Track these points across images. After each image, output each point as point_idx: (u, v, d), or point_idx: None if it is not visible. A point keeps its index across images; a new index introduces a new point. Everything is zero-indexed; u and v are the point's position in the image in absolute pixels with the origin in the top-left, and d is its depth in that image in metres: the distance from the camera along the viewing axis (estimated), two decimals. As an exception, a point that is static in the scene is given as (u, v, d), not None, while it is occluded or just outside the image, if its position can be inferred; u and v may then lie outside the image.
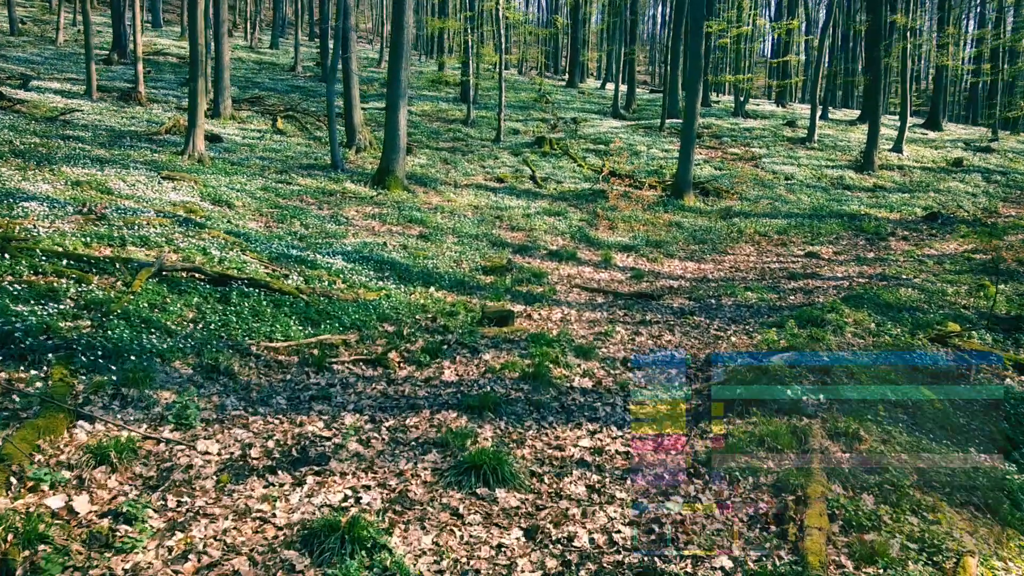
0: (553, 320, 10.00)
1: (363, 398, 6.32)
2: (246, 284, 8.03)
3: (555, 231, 16.57)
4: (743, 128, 30.44)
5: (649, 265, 15.19)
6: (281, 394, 6.15)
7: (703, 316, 11.00)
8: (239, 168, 17.35)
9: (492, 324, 8.89)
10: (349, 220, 14.60)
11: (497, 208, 17.87)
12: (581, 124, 29.78)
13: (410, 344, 7.91)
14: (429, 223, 15.23)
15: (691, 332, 9.86)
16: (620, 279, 13.77)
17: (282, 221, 13.24)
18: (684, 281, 14.07)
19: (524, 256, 14.21)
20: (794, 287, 13.45)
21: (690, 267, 15.45)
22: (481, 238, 14.92)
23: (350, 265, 10.41)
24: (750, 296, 12.32)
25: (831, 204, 21.60)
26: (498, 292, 10.95)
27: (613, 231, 17.42)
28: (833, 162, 26.31)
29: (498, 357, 7.70)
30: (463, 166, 22.56)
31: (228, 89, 25.31)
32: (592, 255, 15.24)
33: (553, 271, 13.43)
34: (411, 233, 14.39)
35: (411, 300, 9.54)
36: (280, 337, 7.21)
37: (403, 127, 18.13)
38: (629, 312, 10.87)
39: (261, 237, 11.16)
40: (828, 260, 16.27)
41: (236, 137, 21.84)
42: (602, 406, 6.58)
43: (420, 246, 13.09)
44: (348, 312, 8.25)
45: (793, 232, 18.53)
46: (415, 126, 27.43)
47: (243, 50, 41.46)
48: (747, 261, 16.25)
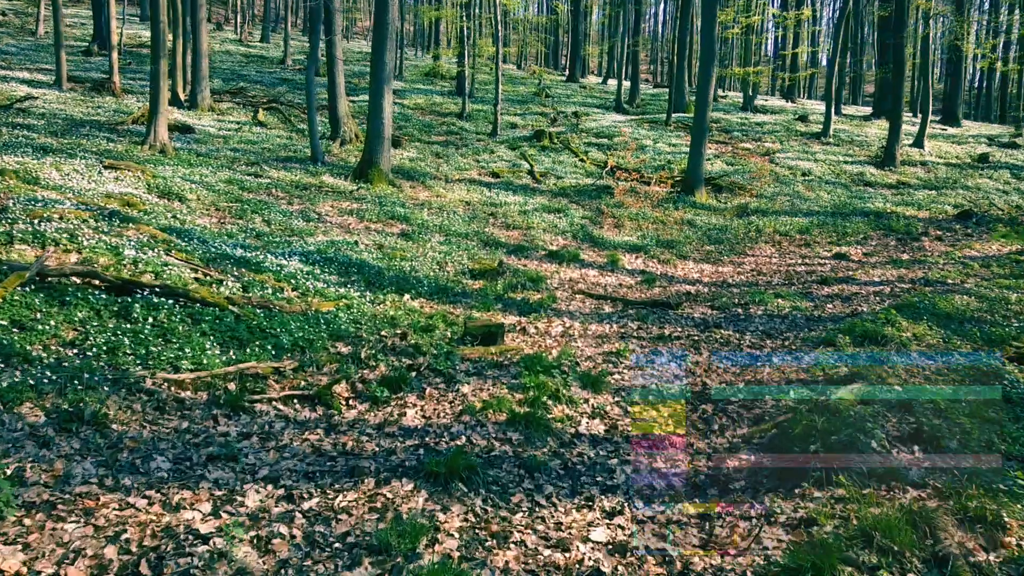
0: (553, 335, 8.14)
1: (285, 457, 4.45)
2: (158, 293, 6.17)
3: (555, 230, 14.71)
4: (753, 123, 28.56)
5: (661, 268, 13.31)
6: (167, 452, 4.28)
7: (731, 329, 9.13)
8: (206, 160, 15.49)
9: (476, 342, 7.03)
10: (321, 216, 12.74)
11: (491, 204, 16.01)
12: (583, 118, 27.91)
13: (368, 371, 6.05)
14: (413, 220, 13.36)
15: (720, 350, 7.99)
16: (629, 284, 11.90)
17: (240, 216, 11.38)
18: (702, 286, 12.20)
19: (520, 257, 12.34)
20: (829, 293, 11.58)
21: (707, 270, 13.57)
22: (471, 237, 13.06)
23: (307, 268, 8.54)
24: (782, 304, 10.46)
25: (853, 201, 19.73)
26: (487, 300, 9.08)
27: (619, 230, 15.54)
28: (851, 158, 24.43)
29: (480, 389, 5.83)
30: (456, 160, 20.69)
31: (206, 79, 23.45)
32: (597, 256, 13.37)
33: (553, 275, 11.57)
34: (391, 231, 12.52)
35: (378, 311, 7.67)
36: (189, 365, 5.34)
37: (388, 115, 16.27)
38: (643, 324, 9.00)
39: (206, 234, 9.30)
40: (859, 262, 14.40)
41: (211, 128, 19.98)
42: (619, 465, 4.71)
43: (399, 245, 11.22)
44: (291, 329, 6.38)
45: (816, 231, 16.66)
46: (406, 119, 25.56)
47: (232, 43, 39.61)
48: (769, 263, 14.38)
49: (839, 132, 27.42)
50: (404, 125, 24.46)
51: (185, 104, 23.14)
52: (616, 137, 24.71)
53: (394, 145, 21.28)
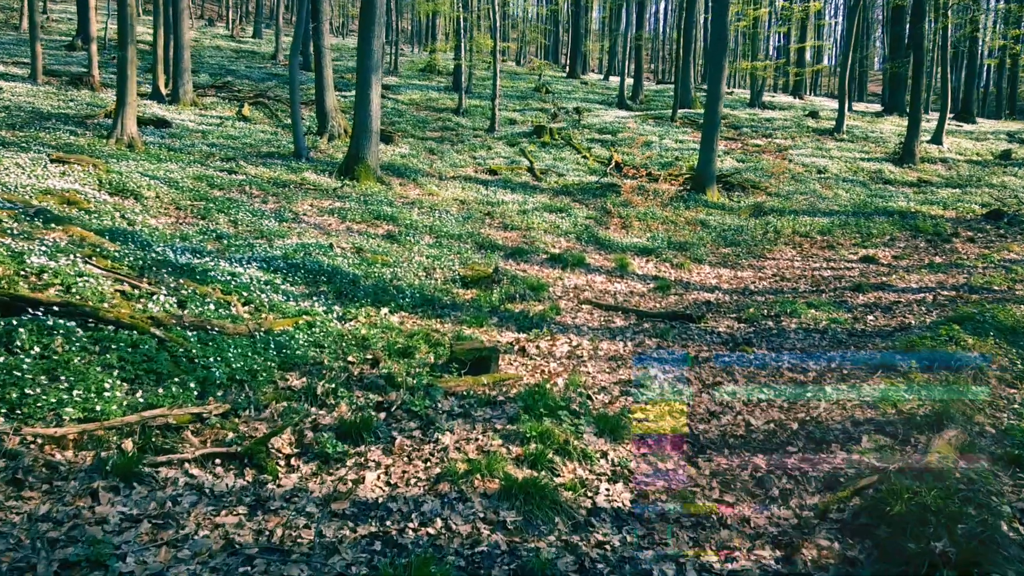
0: (557, 357, 6.77)
1: (182, 558, 3.07)
2: (58, 312, 4.79)
3: (557, 231, 13.33)
4: (762, 119, 27.19)
5: (675, 273, 11.94)
6: (3, 555, 2.91)
7: (765, 346, 7.75)
8: (177, 155, 14.12)
9: (465, 370, 5.65)
10: (298, 216, 11.36)
11: (488, 203, 14.63)
12: (584, 114, 26.52)
13: (324, 412, 4.68)
14: (401, 220, 11.99)
15: (757, 376, 6.63)
16: (641, 291, 10.53)
17: (204, 216, 10.00)
18: (722, 294, 10.83)
19: (518, 262, 10.96)
20: (866, 302, 10.21)
21: (725, 275, 12.20)
22: (465, 239, 11.68)
23: (267, 277, 7.15)
24: (816, 316, 9.09)
25: (874, 200, 18.36)
26: (480, 314, 7.71)
27: (627, 231, 14.17)
28: (868, 154, 23.06)
29: (467, 440, 4.46)
30: (451, 156, 19.31)
31: (188, 72, 22.05)
32: (604, 260, 12.00)
33: (555, 281, 10.20)
34: (376, 232, 11.15)
35: (347, 330, 6.29)
36: (75, 413, 3.97)
37: (376, 107, 14.88)
38: (663, 341, 7.62)
39: (153, 237, 7.91)
40: (889, 266, 13.03)
41: (190, 123, 18.61)
42: (657, 562, 3.33)
43: (382, 249, 9.83)
44: (230, 357, 5.00)
45: (839, 232, 15.28)
46: (399, 115, 24.18)
47: (223, 39, 38.21)
48: (791, 267, 13.01)
49: (852, 128, 26.03)
50: (397, 121, 23.09)
51: (167, 98, 21.77)
52: (620, 133, 23.33)
53: (385, 141, 19.92)
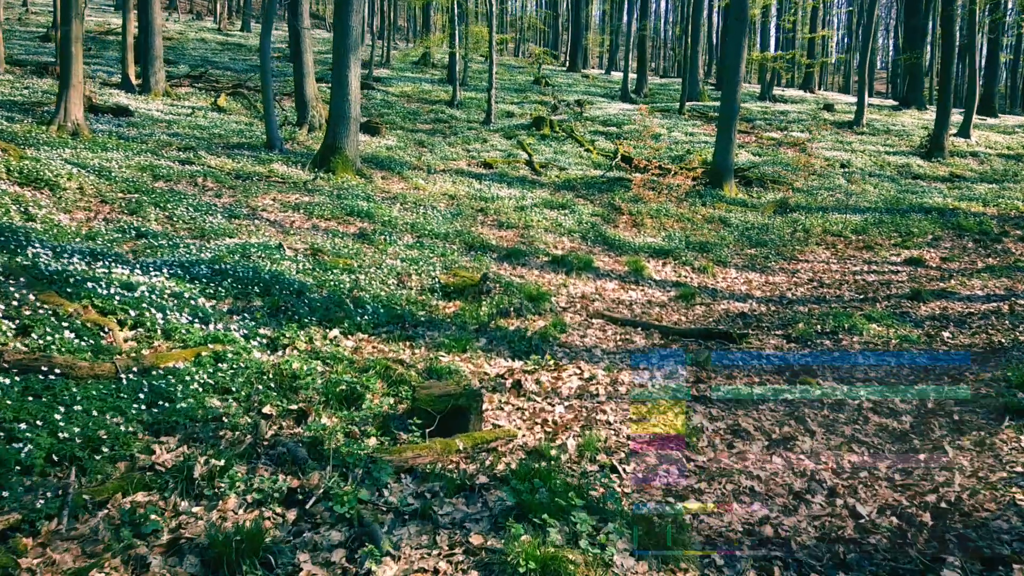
0: (563, 395, 4.95)
1: None
2: None
3: (559, 229, 11.51)
4: (776, 112, 25.38)
5: (698, 278, 10.13)
6: None
7: (830, 376, 5.96)
8: (129, 144, 12.30)
9: (432, 428, 3.82)
10: (255, 211, 9.54)
11: (481, 199, 12.80)
12: (586, 107, 24.69)
13: (200, 510, 2.87)
14: (378, 217, 10.17)
15: (836, 423, 4.80)
16: (661, 300, 8.70)
17: (135, 212, 8.18)
18: (756, 303, 9.01)
19: (515, 265, 9.14)
20: (931, 314, 8.41)
21: (755, 280, 10.39)
22: (452, 238, 9.86)
23: (180, 288, 5.31)
24: (879, 332, 7.29)
25: (906, 196, 16.55)
26: (464, 334, 5.89)
27: (639, 229, 12.34)
28: (892, 148, 21.25)
29: (421, 573, 2.62)
30: (442, 149, 17.48)
31: (160, 60, 20.22)
32: (615, 263, 10.18)
33: (559, 289, 8.38)
34: (345, 231, 9.33)
35: (272, 364, 4.46)
36: None
37: (355, 91, 13.05)
38: (701, 371, 5.81)
39: (42, 236, 6.09)
40: (940, 269, 11.22)
41: (156, 112, 16.80)
42: None
43: (348, 250, 7.99)
44: (58, 420, 3.18)
45: (875, 231, 13.46)
46: (389, 106, 22.36)
47: (210, 32, 36.37)
48: (828, 271, 11.20)
49: (871, 122, 24.24)
50: (386, 112, 21.27)
51: (137, 88, 19.92)
52: (625, 125, 21.50)
53: (372, 133, 18.11)
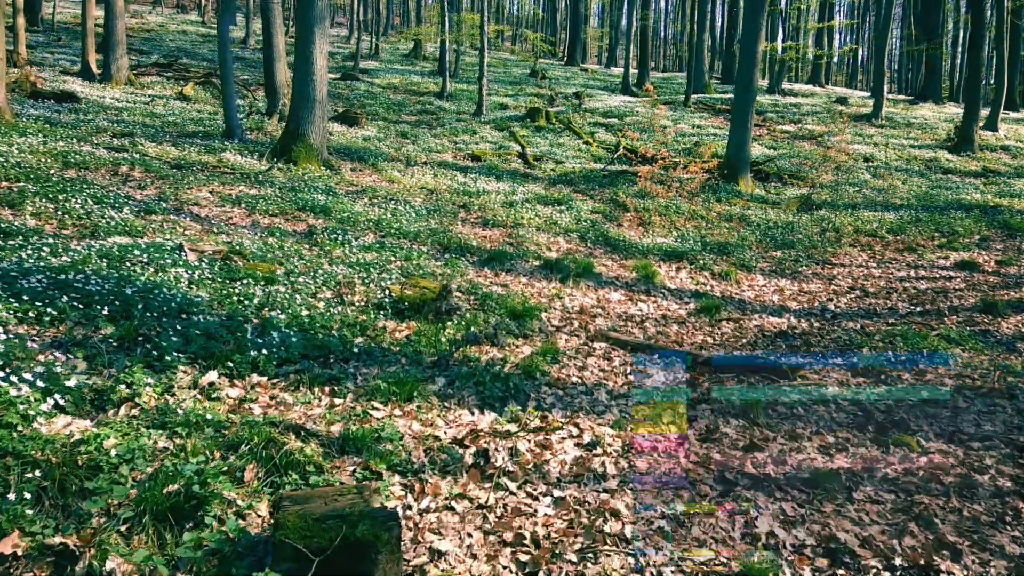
0: (552, 477, 3.18)
1: None
2: None
3: (554, 228, 9.73)
4: (788, 104, 23.62)
5: (720, 285, 8.36)
6: None
7: (936, 437, 4.19)
8: (55, 130, 10.52)
9: None
10: (183, 205, 7.75)
11: (465, 193, 11.03)
12: (585, 99, 22.91)
13: None
14: (336, 212, 8.39)
15: (991, 536, 3.05)
16: (679, 315, 6.92)
17: (14, 204, 6.40)
18: (794, 318, 7.24)
19: (497, 271, 7.36)
20: (1015, 331, 6.65)
21: (787, 288, 8.62)
22: (424, 238, 8.08)
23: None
24: (963, 357, 5.52)
25: (940, 192, 14.81)
26: (412, 373, 4.12)
27: (646, 228, 10.56)
28: (916, 142, 19.50)
29: None
30: (426, 140, 15.70)
31: (123, 46, 18.46)
32: (620, 268, 8.39)
33: (551, 301, 6.60)
34: (293, 229, 7.56)
35: (63, 441, 2.67)
36: None
37: (322, 70, 11.28)
38: (748, 428, 4.03)
39: None
40: (1000, 275, 9.48)
41: (110, 100, 15.04)
42: None
43: (279, 253, 6.20)
44: None
45: (914, 231, 11.68)
46: (373, 96, 20.58)
47: (193, 25, 34.59)
48: (871, 276, 9.44)
49: (890, 115, 22.49)
50: (368, 103, 19.48)
51: (97, 77, 18.15)
52: (628, 117, 19.72)
53: (349, 123, 16.34)
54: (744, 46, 13.88)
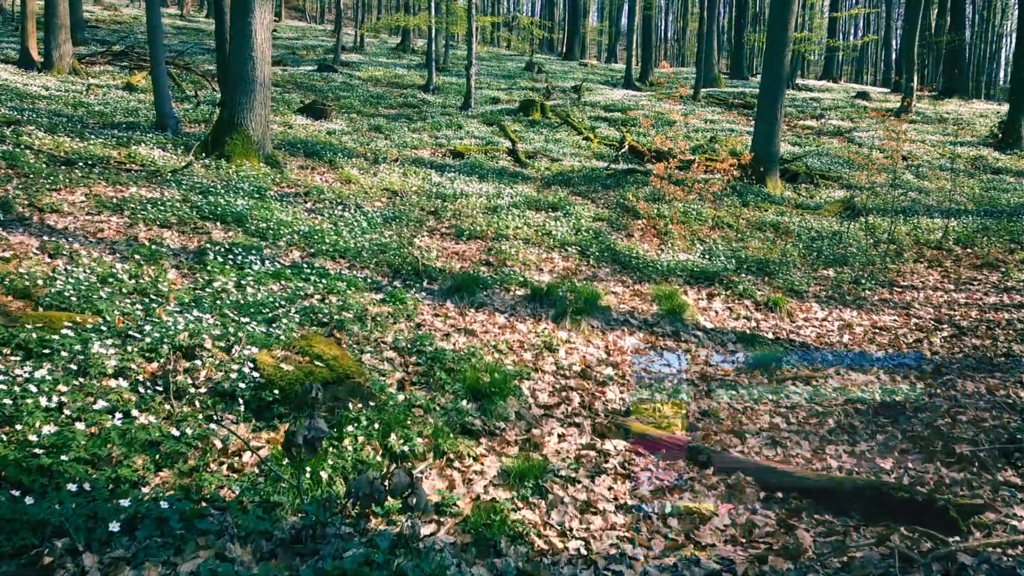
0: None
1: None
2: None
3: (547, 240, 7.51)
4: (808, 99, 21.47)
5: (767, 319, 6.16)
6: None
7: None
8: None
9: None
10: (36, 211, 5.55)
11: (438, 196, 8.81)
12: (585, 93, 20.71)
13: None
14: (253, 222, 6.19)
15: None
16: (723, 371, 4.72)
17: None
18: (882, 371, 5.04)
19: (465, 306, 5.15)
20: None
21: (854, 322, 6.44)
22: (368, 257, 5.88)
23: None
24: None
25: (999, 195, 12.65)
26: (247, 556, 1.95)
27: (663, 240, 8.33)
28: (955, 138, 17.33)
29: None
30: (402, 135, 13.48)
31: (66, 30, 16.24)
32: (633, 297, 6.18)
33: (537, 360, 4.39)
34: (182, 245, 5.35)
35: None
36: None
37: (263, 44, 9.06)
38: None
39: None
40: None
41: (34, 88, 12.85)
42: None
43: (119, 289, 4.01)
44: None
45: (985, 242, 9.47)
46: (350, 89, 18.38)
47: (171, 18, 32.45)
48: (954, 304, 7.26)
49: (919, 110, 20.33)
50: (343, 95, 17.29)
51: (38, 65, 15.95)
52: (632, 111, 17.53)
53: (316, 116, 14.12)
54: (772, 31, 11.70)
